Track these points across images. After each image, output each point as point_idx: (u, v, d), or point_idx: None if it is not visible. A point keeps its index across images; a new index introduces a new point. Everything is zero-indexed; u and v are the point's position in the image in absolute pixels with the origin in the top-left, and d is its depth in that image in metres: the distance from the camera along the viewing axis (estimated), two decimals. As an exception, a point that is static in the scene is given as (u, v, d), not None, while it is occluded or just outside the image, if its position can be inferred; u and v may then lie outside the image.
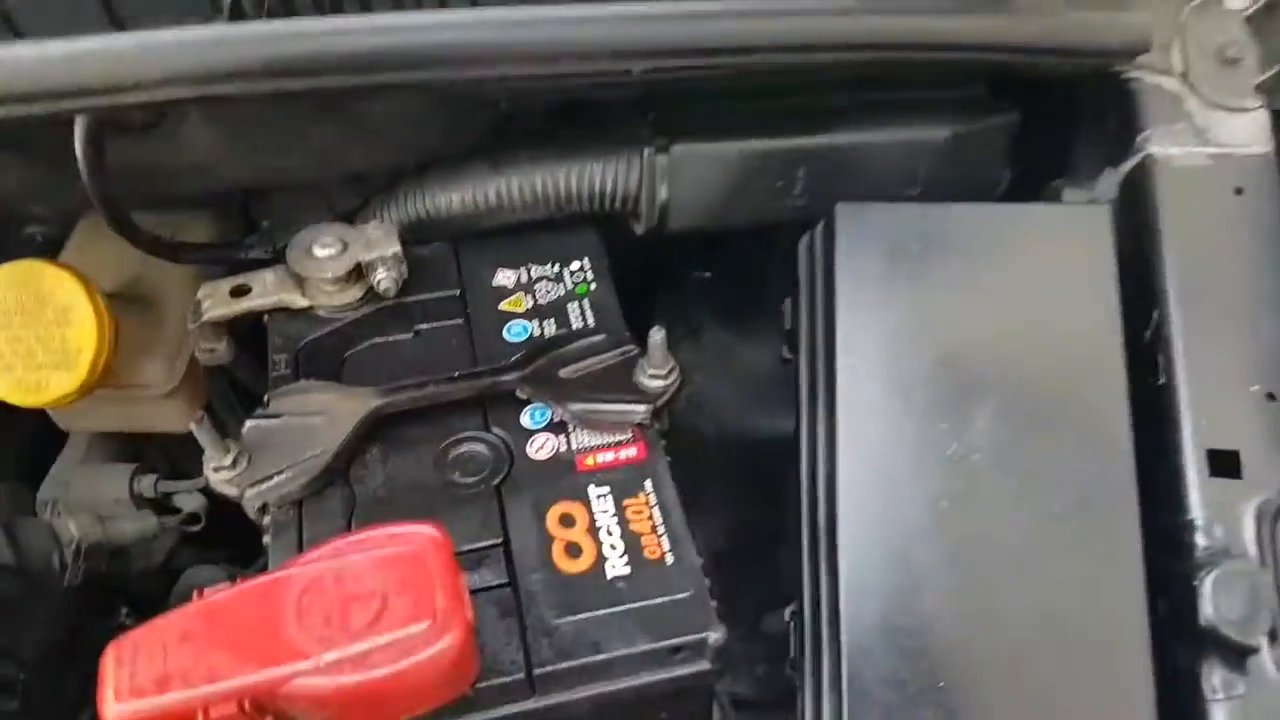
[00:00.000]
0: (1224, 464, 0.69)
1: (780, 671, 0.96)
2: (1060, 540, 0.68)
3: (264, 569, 0.99)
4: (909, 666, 0.65)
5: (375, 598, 0.55)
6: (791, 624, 0.75)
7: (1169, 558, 0.69)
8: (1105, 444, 0.70)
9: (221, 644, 0.54)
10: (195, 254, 0.86)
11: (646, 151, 0.77)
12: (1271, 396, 0.71)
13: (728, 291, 1.01)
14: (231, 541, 1.06)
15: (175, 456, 1.05)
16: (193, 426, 0.64)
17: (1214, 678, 0.66)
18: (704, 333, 1.00)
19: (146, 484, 0.95)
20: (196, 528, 0.94)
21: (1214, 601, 0.65)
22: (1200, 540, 0.68)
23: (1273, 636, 0.65)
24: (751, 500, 0.98)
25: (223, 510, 0.96)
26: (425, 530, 0.57)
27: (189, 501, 0.96)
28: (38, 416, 0.92)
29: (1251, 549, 0.67)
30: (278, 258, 0.85)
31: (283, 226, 0.86)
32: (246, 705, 0.53)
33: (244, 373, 0.82)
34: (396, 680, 0.53)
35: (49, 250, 0.99)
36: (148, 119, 0.75)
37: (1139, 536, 0.68)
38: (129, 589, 0.98)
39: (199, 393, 0.91)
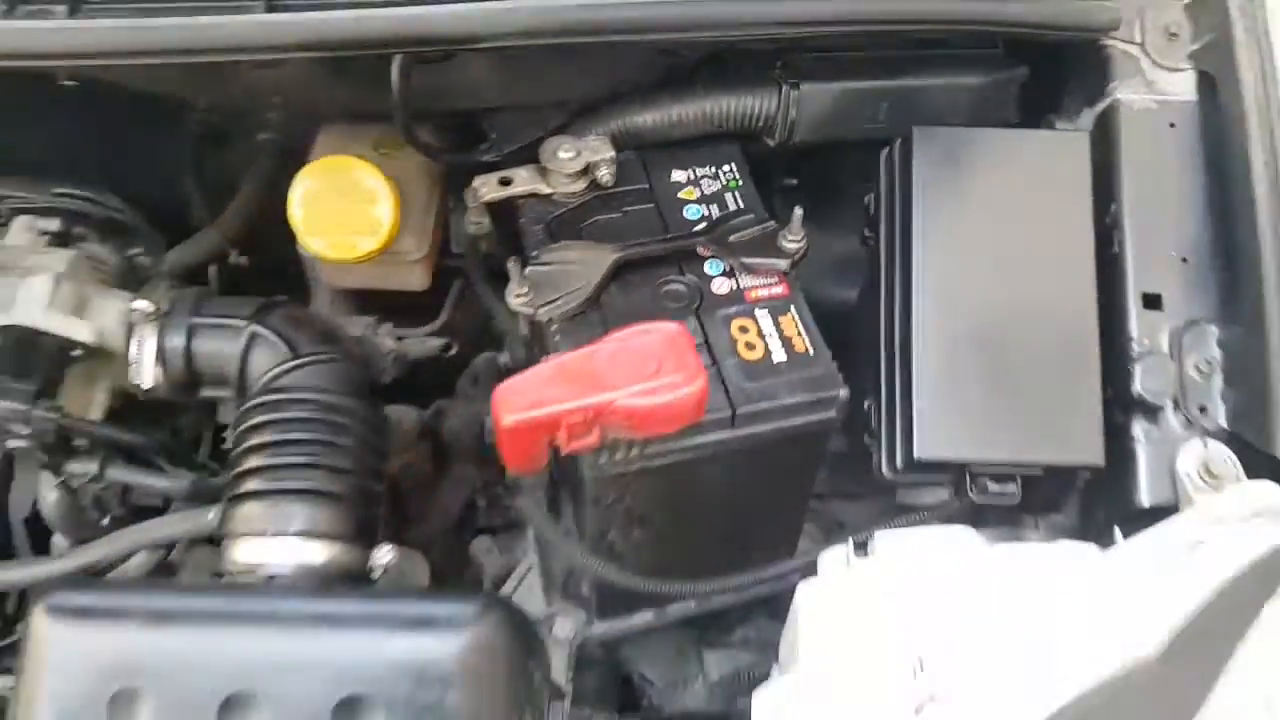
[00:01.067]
0: (1152, 302, 1.08)
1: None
2: (1049, 336, 1.06)
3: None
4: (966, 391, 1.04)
5: (654, 359, 0.91)
6: (869, 408, 1.13)
7: (1117, 359, 1.08)
8: (1076, 289, 1.08)
9: (569, 382, 0.90)
10: (448, 155, 1.19)
11: (785, 88, 1.13)
12: (1184, 260, 1.10)
13: (808, 196, 1.37)
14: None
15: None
16: (509, 265, 0.99)
17: (1137, 429, 1.06)
18: (789, 224, 1.35)
19: (386, 330, 1.30)
20: (451, 353, 1.29)
21: (1141, 380, 1.05)
22: (1135, 348, 1.08)
23: (1175, 403, 1.05)
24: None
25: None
26: (674, 326, 0.94)
27: (417, 346, 1.31)
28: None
29: (1165, 351, 1.06)
30: (504, 161, 1.19)
31: (506, 138, 1.19)
32: (588, 416, 0.89)
33: (489, 241, 1.17)
34: (671, 406, 0.90)
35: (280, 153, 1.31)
36: (450, 53, 1.07)
37: (1096, 341, 1.07)
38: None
39: (436, 260, 1.26)
